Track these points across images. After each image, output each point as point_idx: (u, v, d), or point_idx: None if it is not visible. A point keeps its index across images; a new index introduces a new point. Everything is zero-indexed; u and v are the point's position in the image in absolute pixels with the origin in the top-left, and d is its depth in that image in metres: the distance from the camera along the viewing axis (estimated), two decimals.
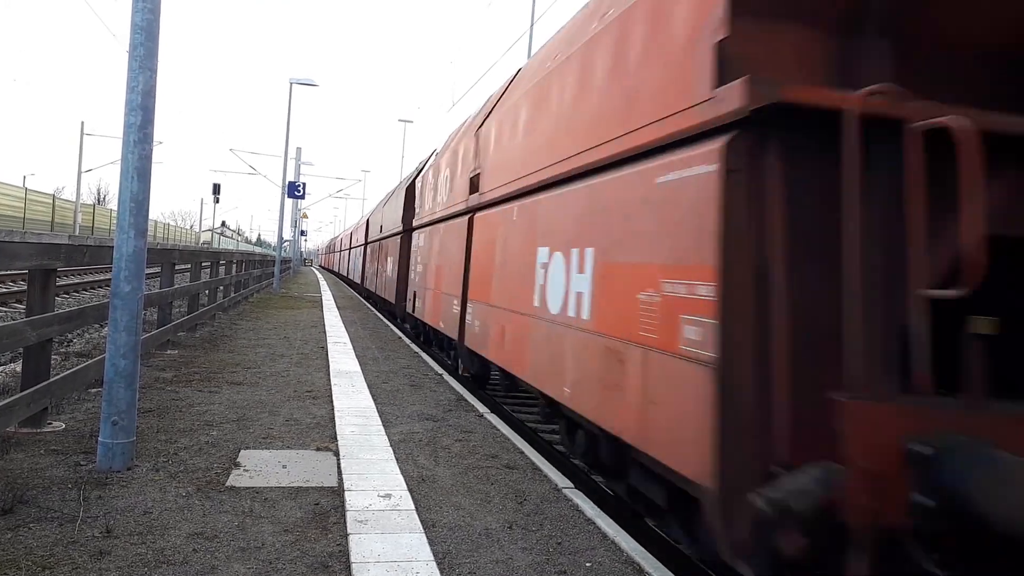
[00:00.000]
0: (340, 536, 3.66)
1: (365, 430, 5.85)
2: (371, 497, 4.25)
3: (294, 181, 28.13)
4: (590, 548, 3.79)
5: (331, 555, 3.42)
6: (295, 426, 5.81)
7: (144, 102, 4.47)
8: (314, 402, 6.78)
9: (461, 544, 3.68)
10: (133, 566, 3.14)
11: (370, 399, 7.13)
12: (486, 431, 6.22)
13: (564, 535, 3.94)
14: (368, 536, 3.66)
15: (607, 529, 4.04)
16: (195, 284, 11.23)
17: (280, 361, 9.05)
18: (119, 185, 4.49)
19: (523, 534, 3.90)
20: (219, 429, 5.52)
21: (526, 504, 4.40)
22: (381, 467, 4.88)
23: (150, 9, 4.49)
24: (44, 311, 5.03)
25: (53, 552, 3.22)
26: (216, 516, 3.80)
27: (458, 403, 7.37)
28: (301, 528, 3.73)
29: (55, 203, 41.11)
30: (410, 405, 7.05)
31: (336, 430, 5.76)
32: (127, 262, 4.46)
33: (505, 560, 3.53)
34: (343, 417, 6.23)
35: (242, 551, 3.39)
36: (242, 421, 5.82)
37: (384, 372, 8.93)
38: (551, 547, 3.75)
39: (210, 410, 6.11)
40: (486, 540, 3.77)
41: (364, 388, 7.69)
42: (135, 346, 4.51)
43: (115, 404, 4.42)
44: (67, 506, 3.75)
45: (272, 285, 25.75)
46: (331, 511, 4.00)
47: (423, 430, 6.06)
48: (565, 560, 3.60)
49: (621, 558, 3.69)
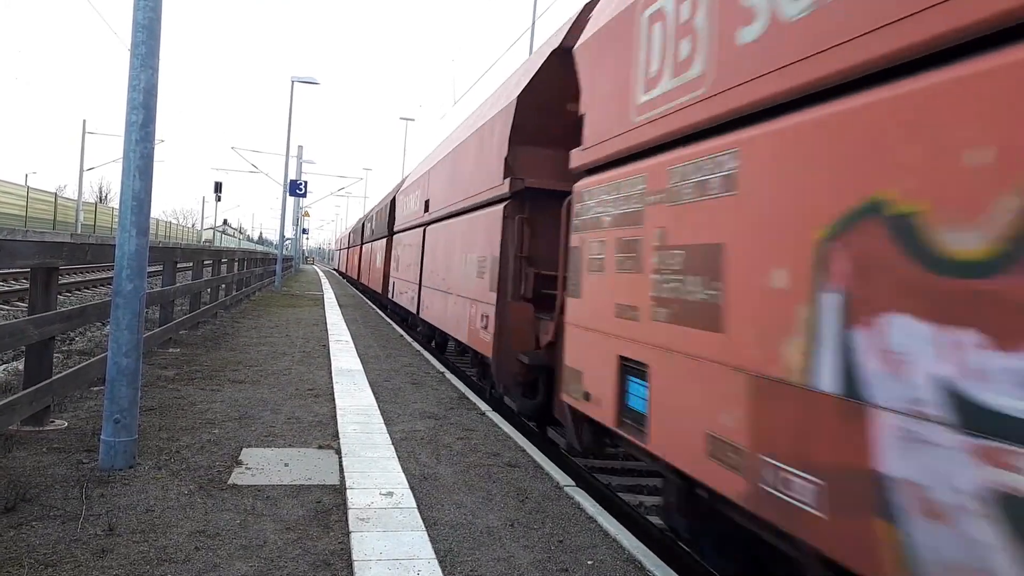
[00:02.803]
0: (342, 534, 3.66)
1: (367, 428, 5.85)
2: (373, 495, 4.26)
3: (295, 179, 28.21)
4: (592, 546, 3.79)
5: (333, 553, 3.42)
6: (297, 424, 5.81)
7: (146, 100, 4.47)
8: (316, 400, 6.79)
9: (463, 542, 3.69)
10: (135, 564, 3.15)
11: (372, 397, 7.13)
12: (488, 429, 6.23)
13: (566, 533, 3.94)
14: (370, 534, 3.66)
15: (608, 527, 4.04)
16: (197, 282, 11.25)
17: (282, 359, 9.06)
18: (121, 183, 4.49)
19: (525, 532, 3.91)
20: (221, 427, 5.53)
21: (528, 502, 4.41)
22: (383, 465, 4.88)
23: (152, 7, 4.49)
24: (46, 309, 5.04)
25: (56, 550, 3.22)
26: (218, 514, 3.80)
27: (460, 401, 7.37)
28: (303, 526, 3.73)
29: (57, 201, 41.15)
30: (412, 403, 7.06)
31: (338, 428, 5.77)
32: (129, 260, 4.46)
33: (507, 558, 3.54)
34: (345, 415, 6.23)
35: (244, 549, 3.40)
36: (244, 419, 5.83)
37: (386, 370, 8.94)
38: (553, 545, 3.76)
39: (212, 408, 6.12)
40: (488, 538, 3.77)
41: (366, 386, 7.69)
42: (137, 344, 4.51)
43: (117, 402, 4.42)
44: (69, 504, 3.76)
45: (274, 283, 25.78)
46: (333, 509, 4.01)
47: (425, 428, 6.06)
48: (567, 558, 3.60)
49: (622, 556, 3.69)
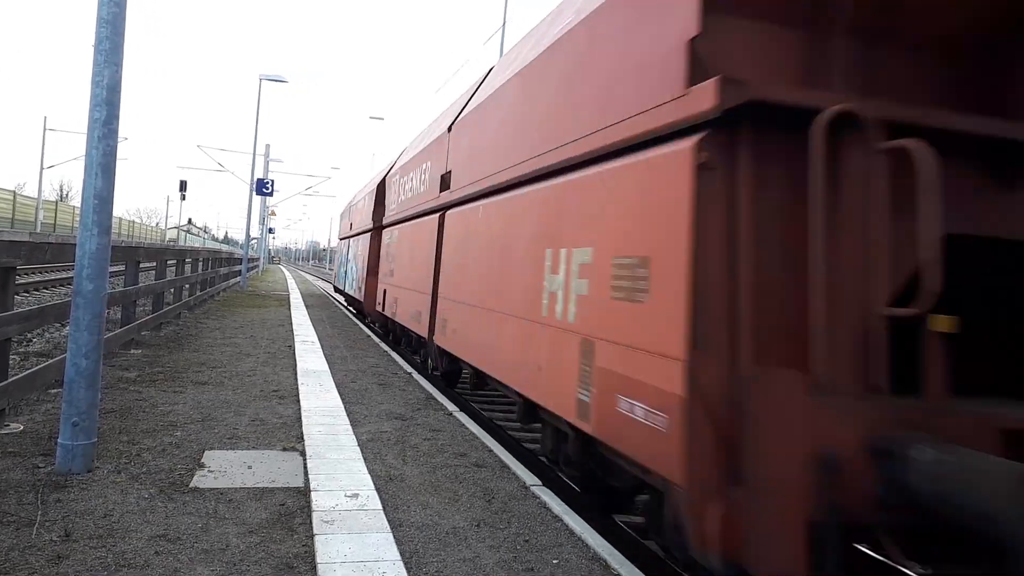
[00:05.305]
0: (306, 537, 3.63)
1: (333, 430, 5.81)
2: (338, 497, 4.23)
3: (262, 178, 27.91)
4: (557, 545, 3.81)
5: (297, 556, 3.40)
6: (261, 426, 5.75)
7: (109, 97, 4.39)
8: (281, 402, 6.72)
9: (429, 543, 3.68)
10: (92, 570, 3.09)
11: (338, 398, 7.08)
12: (455, 430, 6.22)
13: (532, 532, 3.95)
14: (335, 536, 3.64)
15: (574, 526, 4.07)
16: (160, 282, 11.07)
17: (246, 360, 8.95)
18: (83, 181, 4.39)
19: (491, 532, 3.91)
20: (183, 430, 5.45)
21: (494, 502, 4.41)
22: (348, 467, 4.85)
23: (116, 3, 4.41)
24: (3, 310, 4.92)
25: (9, 557, 3.15)
26: (179, 518, 3.75)
27: (427, 402, 7.36)
28: (266, 529, 3.69)
29: (16, 200, 40.08)
30: (379, 404, 7.02)
31: (303, 430, 5.72)
32: (90, 260, 4.38)
33: (472, 559, 3.54)
34: (310, 417, 6.18)
35: (205, 553, 3.35)
36: (207, 421, 5.75)
37: (352, 371, 8.88)
38: (519, 545, 3.77)
39: (174, 410, 6.03)
40: (454, 539, 3.77)
41: (332, 387, 7.64)
42: (97, 345, 4.43)
43: (76, 405, 4.34)
44: (24, 510, 3.68)
45: (239, 283, 25.46)
46: (297, 512, 3.97)
47: (392, 429, 6.04)
48: (532, 557, 3.62)
49: (588, 554, 3.71)
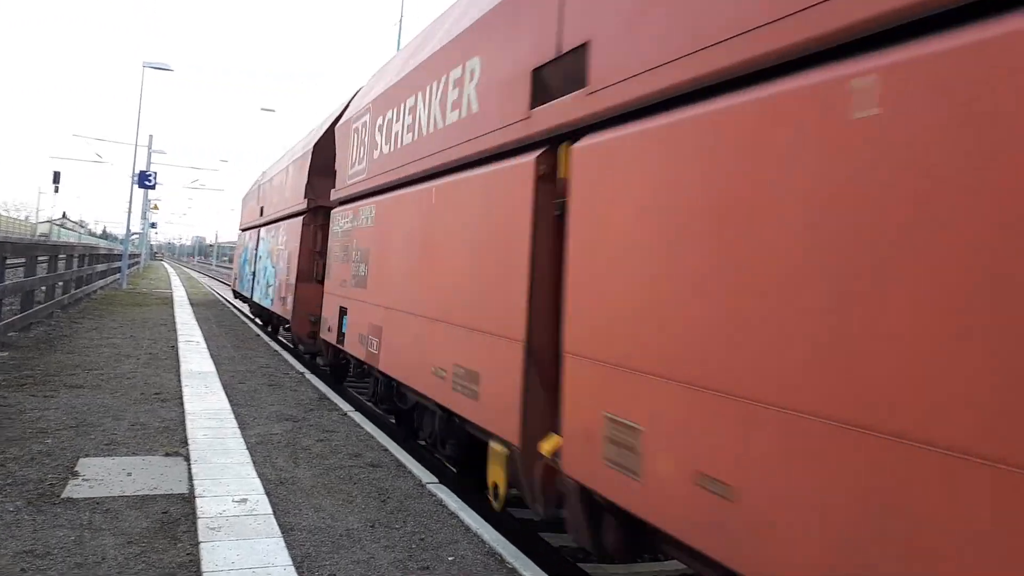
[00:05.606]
0: (191, 545, 3.48)
1: (219, 433, 5.59)
2: (225, 503, 4.07)
3: (145, 170, 26.57)
4: (453, 542, 3.81)
5: (180, 565, 3.25)
6: (141, 431, 5.46)
7: None
8: (163, 405, 6.40)
9: (321, 546, 3.60)
10: None
11: (225, 400, 6.81)
12: (349, 430, 6.11)
13: (427, 531, 3.94)
14: (221, 543, 3.50)
15: (470, 522, 4.08)
16: (29, 280, 10.35)
17: (126, 362, 8.48)
18: None
19: (386, 532, 3.87)
20: (54, 436, 5.10)
21: (389, 502, 4.36)
22: (236, 471, 4.68)
23: None
24: None
25: None
26: (49, 531, 3.51)
27: (320, 402, 7.19)
28: (147, 539, 3.51)
29: None
30: (269, 406, 6.81)
31: (187, 434, 5.46)
32: None
33: (367, 560, 3.49)
34: (195, 420, 5.92)
35: (79, 567, 3.15)
36: (81, 427, 5.41)
37: (241, 372, 8.57)
38: (414, 543, 3.74)
39: (44, 416, 5.63)
40: (347, 541, 3.70)
41: (219, 389, 7.34)
42: None
43: None
44: None
45: (119, 281, 24.11)
46: (181, 519, 3.80)
47: (282, 431, 5.86)
48: (428, 555, 3.60)
49: (483, 550, 3.73)
